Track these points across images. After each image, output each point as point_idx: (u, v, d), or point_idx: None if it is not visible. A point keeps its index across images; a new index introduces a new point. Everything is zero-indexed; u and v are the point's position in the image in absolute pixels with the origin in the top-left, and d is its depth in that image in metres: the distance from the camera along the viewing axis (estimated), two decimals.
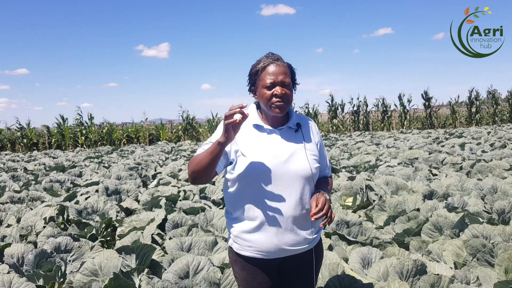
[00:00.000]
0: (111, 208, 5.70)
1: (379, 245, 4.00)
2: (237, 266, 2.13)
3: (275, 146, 2.03)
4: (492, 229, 3.82)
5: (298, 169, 2.00)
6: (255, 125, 2.08)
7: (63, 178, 8.66)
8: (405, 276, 3.13)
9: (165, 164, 11.87)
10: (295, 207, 1.99)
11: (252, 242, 2.03)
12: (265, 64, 2.02)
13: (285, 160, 1.99)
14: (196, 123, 29.87)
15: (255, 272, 2.07)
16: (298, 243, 2.04)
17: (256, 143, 2.02)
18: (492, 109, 30.77)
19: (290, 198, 1.99)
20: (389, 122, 30.67)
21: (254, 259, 2.05)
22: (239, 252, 2.08)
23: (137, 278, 3.38)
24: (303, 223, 2.04)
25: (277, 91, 1.97)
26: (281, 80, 1.99)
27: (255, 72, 2.05)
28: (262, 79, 2.02)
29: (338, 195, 6.09)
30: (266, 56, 2.07)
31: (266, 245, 2.00)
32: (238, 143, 2.02)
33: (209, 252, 3.90)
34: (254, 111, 2.12)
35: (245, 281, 2.11)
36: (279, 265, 2.10)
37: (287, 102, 2.01)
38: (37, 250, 3.90)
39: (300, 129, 2.11)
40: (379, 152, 12.14)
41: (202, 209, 5.40)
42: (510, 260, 3.21)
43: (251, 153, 1.99)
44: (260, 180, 1.97)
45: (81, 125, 27.80)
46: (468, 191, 5.74)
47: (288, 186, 1.99)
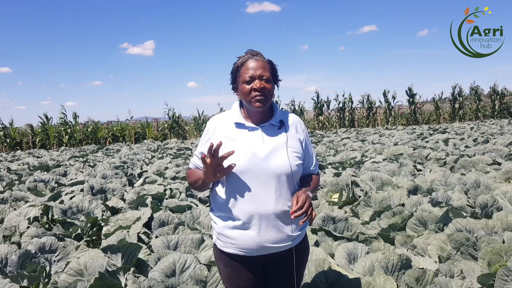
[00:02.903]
0: (96, 207, 5.65)
1: (365, 240, 4.03)
2: (221, 263, 2.14)
3: (255, 143, 2.02)
4: (475, 223, 3.88)
5: (277, 167, 1.99)
6: (236, 123, 2.08)
7: (47, 178, 8.56)
8: (390, 271, 3.16)
9: (151, 162, 11.80)
10: (275, 204, 1.99)
11: (234, 239, 2.03)
12: (244, 59, 2.05)
13: (264, 158, 1.99)
14: (182, 121, 29.72)
15: (239, 269, 2.08)
16: (281, 240, 2.03)
17: (236, 141, 2.03)
18: (475, 105, 31.13)
19: (270, 195, 1.99)
20: (374, 118, 30.88)
21: (237, 256, 2.06)
22: (222, 249, 2.09)
23: (123, 277, 3.36)
24: (286, 220, 2.03)
25: (255, 84, 1.98)
26: (260, 74, 1.99)
27: (235, 69, 2.08)
28: (241, 75, 2.03)
29: (324, 192, 6.12)
30: (246, 52, 2.09)
31: (248, 242, 2.01)
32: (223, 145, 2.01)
33: (196, 250, 3.89)
34: (237, 109, 2.13)
35: (229, 277, 2.12)
36: (263, 262, 2.11)
37: (266, 96, 2.01)
38: (21, 251, 3.85)
39: (283, 126, 2.11)
40: (364, 148, 12.24)
41: (188, 207, 5.38)
42: (493, 253, 3.26)
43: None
44: (239, 178, 1.98)
45: (65, 124, 27.43)
46: (452, 186, 5.81)
47: (267, 184, 1.98)
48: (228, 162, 1.93)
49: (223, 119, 2.13)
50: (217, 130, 2.10)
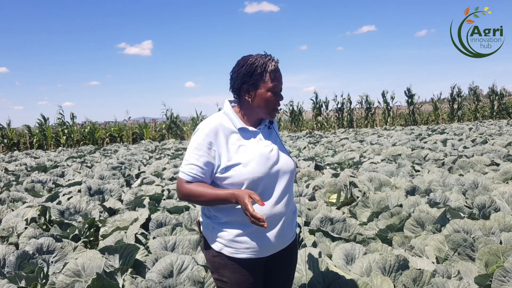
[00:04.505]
0: (94, 208, 5.64)
1: (362, 241, 4.03)
2: (228, 270, 2.03)
3: (263, 147, 2.02)
4: (473, 224, 3.88)
5: (286, 166, 2.04)
6: (240, 128, 2.02)
7: (45, 179, 8.54)
8: (387, 271, 3.16)
9: (148, 163, 11.78)
10: (287, 203, 2.04)
11: (250, 244, 1.98)
12: (271, 66, 1.96)
13: (275, 159, 2.01)
14: (180, 122, 29.70)
15: (249, 273, 2.03)
16: (290, 237, 2.11)
17: (245, 148, 1.98)
18: (474, 105, 31.15)
19: (283, 195, 2.02)
20: (373, 119, 30.88)
21: (249, 260, 2.01)
22: (234, 256, 2.00)
23: (120, 278, 3.35)
24: (292, 217, 2.12)
25: (281, 97, 2.01)
26: (282, 87, 2.03)
27: (259, 72, 1.96)
28: (266, 82, 1.96)
29: (323, 192, 6.12)
30: (268, 58, 1.99)
31: (268, 244, 2.00)
32: (225, 152, 1.97)
33: (194, 251, 3.89)
34: (233, 113, 2.05)
35: (238, 284, 2.04)
36: (266, 260, 2.11)
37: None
38: (19, 252, 3.85)
39: (272, 126, 2.16)
40: (363, 149, 12.23)
41: (186, 208, 5.37)
42: (490, 254, 3.26)
43: (244, 160, 1.95)
44: (257, 183, 1.94)
45: (63, 124, 27.37)
46: (450, 186, 5.81)
47: (281, 184, 2.01)
48: (248, 172, 1.92)
49: (221, 126, 2.01)
50: (220, 137, 1.98)
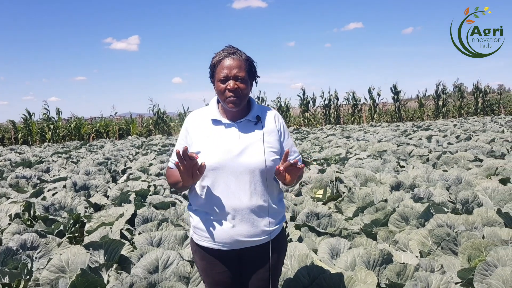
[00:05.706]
0: (79, 203, 5.60)
1: (347, 235, 4.07)
2: (197, 256, 2.18)
3: (230, 140, 2.04)
4: (456, 219, 3.94)
5: (251, 162, 2.01)
6: (213, 120, 2.11)
7: (29, 174, 8.43)
8: (372, 265, 3.20)
9: (135, 158, 11.70)
10: (250, 199, 2.02)
11: (208, 233, 2.07)
12: (221, 57, 2.03)
13: (238, 154, 2.01)
14: (167, 117, 29.55)
15: (214, 262, 2.11)
16: (255, 234, 2.06)
17: (212, 138, 2.06)
18: (458, 102, 31.50)
19: (245, 190, 2.01)
20: (359, 115, 31.06)
21: (211, 249, 2.09)
22: (198, 242, 2.13)
23: (105, 274, 3.34)
24: (261, 215, 2.06)
25: (229, 85, 1.99)
26: (235, 74, 2.00)
27: (213, 66, 2.07)
28: (217, 73, 2.03)
29: (309, 188, 6.15)
30: (223, 49, 2.08)
31: (222, 236, 2.04)
32: (196, 140, 2.08)
33: (179, 247, 3.89)
34: (214, 105, 2.15)
35: (204, 270, 2.17)
36: (239, 256, 2.13)
37: (240, 97, 2.02)
38: (2, 248, 3.81)
39: (260, 122, 2.12)
40: (349, 145, 12.30)
41: (172, 203, 5.37)
42: (473, 248, 3.32)
43: (205, 149, 2.03)
44: (214, 174, 2.01)
45: (48, 119, 27.01)
46: (434, 182, 5.88)
47: (242, 179, 2.01)
48: (202, 160, 1.95)
49: (200, 116, 2.16)
50: (193, 127, 2.12)
